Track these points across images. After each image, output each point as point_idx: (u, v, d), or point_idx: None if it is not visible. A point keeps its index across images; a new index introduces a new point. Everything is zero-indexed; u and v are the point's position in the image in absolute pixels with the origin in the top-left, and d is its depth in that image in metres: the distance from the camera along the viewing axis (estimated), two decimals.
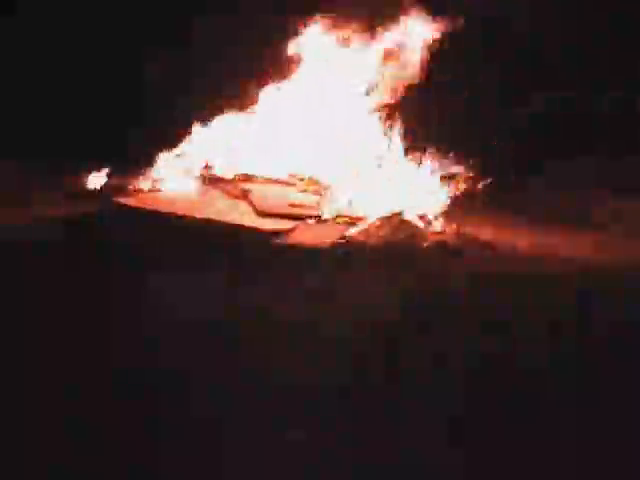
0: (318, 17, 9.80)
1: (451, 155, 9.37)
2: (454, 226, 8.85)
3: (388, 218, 8.65)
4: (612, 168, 12.24)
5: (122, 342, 4.89)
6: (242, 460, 3.38)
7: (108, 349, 4.77)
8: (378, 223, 8.60)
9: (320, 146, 9.46)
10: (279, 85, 9.83)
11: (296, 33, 9.92)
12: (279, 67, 9.93)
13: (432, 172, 9.23)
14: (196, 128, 9.76)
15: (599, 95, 12.56)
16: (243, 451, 3.46)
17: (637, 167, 11.78)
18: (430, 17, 9.85)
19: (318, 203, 8.72)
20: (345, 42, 9.78)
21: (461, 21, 9.91)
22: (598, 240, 9.47)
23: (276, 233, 8.12)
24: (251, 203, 8.52)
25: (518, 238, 9.25)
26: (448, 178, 9.35)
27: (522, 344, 5.24)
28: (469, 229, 9.12)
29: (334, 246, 8.08)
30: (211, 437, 3.59)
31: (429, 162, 9.26)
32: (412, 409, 4.01)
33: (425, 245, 8.30)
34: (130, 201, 8.58)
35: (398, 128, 9.44)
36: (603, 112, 12.64)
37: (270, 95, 9.83)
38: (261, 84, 9.90)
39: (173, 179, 9.25)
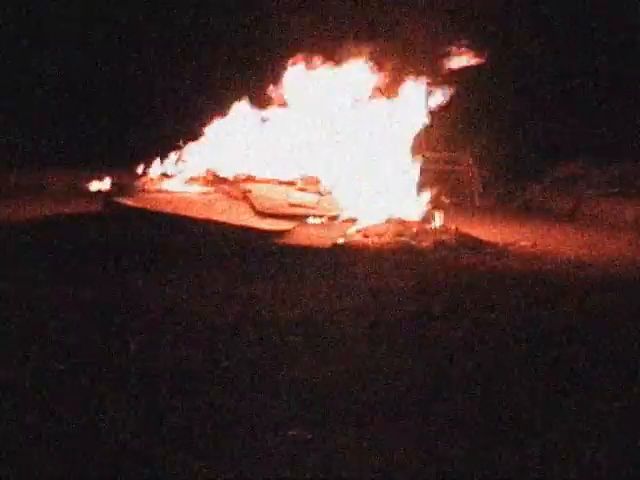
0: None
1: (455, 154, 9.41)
2: (453, 226, 8.87)
3: (388, 218, 8.67)
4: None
5: (122, 341, 4.90)
6: (243, 459, 3.40)
7: (110, 348, 4.79)
8: (378, 223, 8.62)
9: (320, 147, 9.48)
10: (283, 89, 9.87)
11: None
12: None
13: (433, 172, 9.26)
14: (197, 129, 9.78)
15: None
16: (244, 450, 3.48)
17: None
18: None
19: (318, 203, 8.73)
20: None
21: None
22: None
23: (276, 233, 8.13)
24: (251, 203, 8.52)
25: (522, 238, 9.28)
26: (450, 177, 9.39)
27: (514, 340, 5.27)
28: (468, 229, 9.15)
29: (334, 246, 8.09)
30: (214, 435, 3.61)
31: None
32: (416, 407, 4.02)
33: (425, 245, 8.32)
34: (130, 201, 8.59)
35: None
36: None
37: (272, 97, 9.86)
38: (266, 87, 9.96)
39: (173, 179, 9.27)
